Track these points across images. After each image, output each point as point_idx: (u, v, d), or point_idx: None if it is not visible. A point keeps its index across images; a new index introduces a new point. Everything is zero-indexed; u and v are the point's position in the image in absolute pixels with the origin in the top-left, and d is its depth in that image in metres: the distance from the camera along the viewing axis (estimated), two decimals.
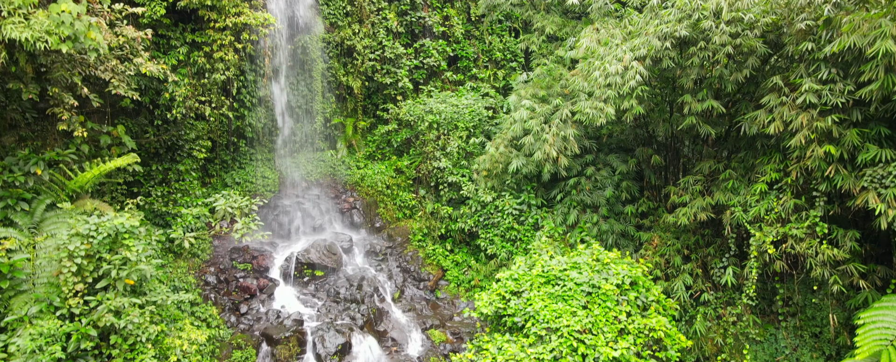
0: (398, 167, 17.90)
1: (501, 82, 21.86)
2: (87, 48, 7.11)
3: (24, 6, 6.58)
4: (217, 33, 10.66)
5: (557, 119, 12.94)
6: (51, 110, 8.00)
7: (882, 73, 7.27)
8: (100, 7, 7.91)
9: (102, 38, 7.32)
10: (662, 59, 10.40)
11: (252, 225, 9.06)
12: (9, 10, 6.56)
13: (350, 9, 18.36)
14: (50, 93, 7.70)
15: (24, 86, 7.53)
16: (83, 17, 6.86)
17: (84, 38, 6.92)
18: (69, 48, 6.86)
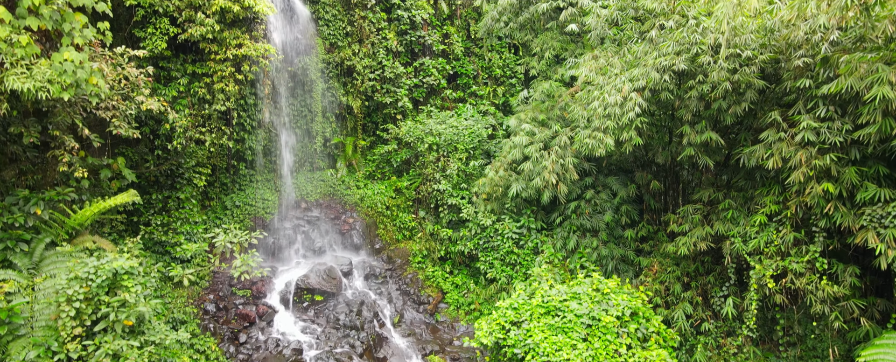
0: (398, 187, 17.91)
1: (501, 99, 21.91)
2: (88, 94, 7.13)
3: (27, 56, 6.61)
4: (218, 65, 10.69)
5: (556, 146, 12.97)
6: (51, 153, 8.02)
7: (880, 116, 7.29)
8: (101, 50, 7.93)
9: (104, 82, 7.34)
10: (661, 92, 10.42)
11: (251, 261, 9.04)
12: (11, 61, 6.60)
13: (350, 29, 18.42)
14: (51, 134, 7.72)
15: (25, 129, 7.56)
16: (85, 65, 6.90)
17: (86, 85, 6.95)
18: (71, 95, 6.89)
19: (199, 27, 9.92)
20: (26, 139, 7.59)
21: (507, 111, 21.62)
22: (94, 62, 7.36)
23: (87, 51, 7.17)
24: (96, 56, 7.84)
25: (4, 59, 6.47)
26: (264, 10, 10.32)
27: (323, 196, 18.15)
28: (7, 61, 6.53)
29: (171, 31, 10.24)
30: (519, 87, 21.60)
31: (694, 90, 10.15)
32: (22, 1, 6.41)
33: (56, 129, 7.77)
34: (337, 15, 18.41)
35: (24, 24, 6.50)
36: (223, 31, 10.40)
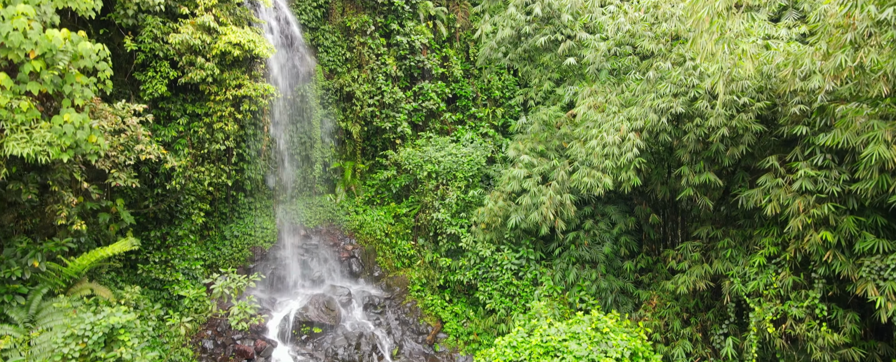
0: (397, 214, 17.89)
1: (500, 120, 21.95)
2: (88, 152, 7.14)
3: (27, 121, 6.62)
4: (217, 105, 10.72)
5: (555, 180, 12.97)
6: (50, 207, 8.02)
7: (876, 173, 7.30)
8: (102, 106, 7.94)
9: (104, 139, 7.36)
10: (659, 134, 10.44)
11: (248, 309, 9.01)
12: (11, 127, 6.61)
13: (349, 55, 18.49)
14: (50, 188, 7.72)
15: (23, 185, 7.55)
16: (85, 125, 6.91)
17: (86, 144, 6.96)
18: (70, 156, 6.89)
19: (199, 71, 9.95)
20: (25, 195, 7.59)
21: (506, 132, 21.65)
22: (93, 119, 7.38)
23: (87, 109, 7.19)
24: (96, 110, 7.86)
25: (5, 125, 6.49)
26: (264, 52, 10.36)
27: (322, 222, 18.13)
28: (7, 128, 6.55)
29: (172, 75, 10.27)
30: (518, 107, 21.67)
31: (692, 133, 10.17)
32: (23, 66, 6.44)
33: (55, 184, 7.77)
34: (336, 41, 18.48)
35: (25, 88, 6.53)
36: (223, 73, 10.43)
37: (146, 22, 9.74)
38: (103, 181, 8.58)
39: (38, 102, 7.21)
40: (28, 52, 6.36)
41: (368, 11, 18.56)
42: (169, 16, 10.36)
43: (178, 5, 10.21)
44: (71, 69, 6.76)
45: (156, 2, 9.42)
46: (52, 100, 7.39)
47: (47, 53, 6.46)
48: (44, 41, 6.39)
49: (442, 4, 21.63)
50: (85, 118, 6.89)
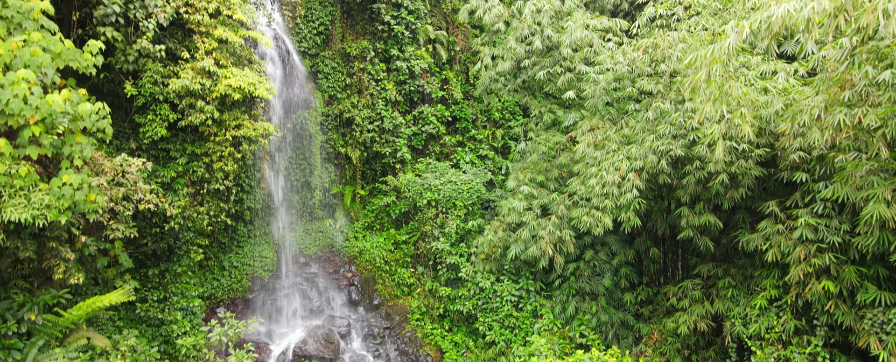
0: (397, 241, 17.84)
1: (500, 142, 21.95)
2: (86, 211, 7.13)
3: (26, 186, 6.60)
4: (217, 145, 10.71)
5: (554, 215, 12.95)
6: (47, 263, 7.99)
7: (877, 230, 7.29)
8: (101, 159, 7.92)
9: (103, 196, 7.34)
10: (659, 175, 10.45)
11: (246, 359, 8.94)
12: (10, 193, 6.59)
13: (349, 81, 18.51)
14: (47, 244, 7.70)
15: (21, 243, 7.52)
16: (84, 185, 6.89)
17: (84, 204, 6.94)
18: (68, 217, 6.87)
19: (199, 114, 9.96)
20: (22, 253, 7.56)
21: (506, 154, 21.65)
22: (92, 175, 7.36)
23: (85, 170, 7.18)
24: (95, 164, 7.84)
25: (3, 191, 6.47)
26: (264, 93, 10.38)
27: (321, 248, 18.06)
28: (6, 193, 6.53)
29: (171, 118, 10.27)
30: (517, 128, 21.69)
31: (691, 176, 10.17)
32: (23, 132, 6.43)
33: (53, 241, 7.75)
34: (336, 68, 18.52)
35: (25, 153, 6.51)
36: (223, 114, 10.43)
37: (147, 67, 9.76)
38: (101, 232, 8.56)
39: (37, 164, 7.20)
40: (28, 117, 6.36)
41: (368, 37, 18.63)
42: (169, 57, 10.38)
43: (178, 48, 10.23)
44: (71, 130, 6.76)
45: (157, 49, 9.43)
46: (51, 161, 7.38)
47: (47, 118, 6.46)
48: (44, 106, 6.39)
49: (441, 28, 21.71)
50: (84, 178, 6.87)
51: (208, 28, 9.79)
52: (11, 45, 6.31)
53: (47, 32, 6.86)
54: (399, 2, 18.31)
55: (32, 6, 6.58)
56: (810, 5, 5.94)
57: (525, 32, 13.78)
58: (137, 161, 8.68)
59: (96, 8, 8.62)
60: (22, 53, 6.29)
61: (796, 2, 6.01)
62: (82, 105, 6.78)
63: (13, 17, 6.54)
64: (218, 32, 9.74)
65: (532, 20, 13.69)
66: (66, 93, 6.72)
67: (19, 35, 6.54)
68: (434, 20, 21.34)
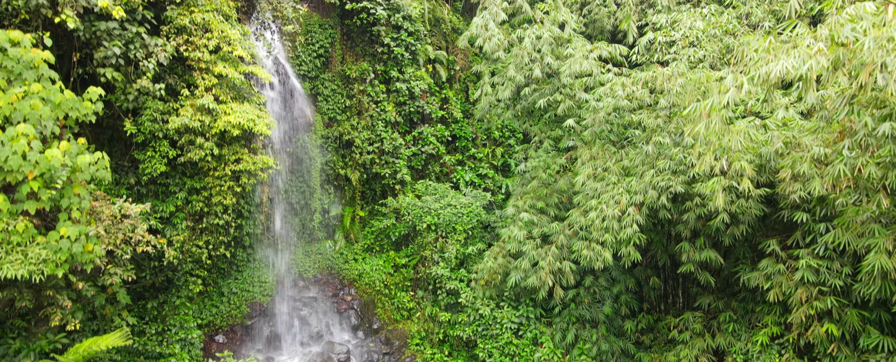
0: (397, 264, 17.79)
1: (500, 160, 21.93)
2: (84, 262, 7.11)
3: (23, 242, 6.59)
4: (216, 180, 10.70)
5: (553, 246, 12.92)
6: (44, 312, 7.96)
7: (879, 279, 7.26)
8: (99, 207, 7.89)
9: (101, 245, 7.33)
10: (659, 211, 10.43)
11: None
12: (7, 249, 6.58)
13: (349, 103, 18.54)
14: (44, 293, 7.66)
15: (18, 294, 7.50)
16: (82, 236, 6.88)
17: (81, 255, 6.92)
18: (65, 270, 6.85)
19: (199, 150, 9.95)
20: (19, 303, 7.54)
21: (506, 171, 21.64)
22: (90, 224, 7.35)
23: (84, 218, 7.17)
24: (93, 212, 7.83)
25: (0, 247, 6.46)
26: (264, 129, 10.38)
27: (321, 271, 18.01)
28: (3, 250, 6.52)
29: (171, 154, 10.27)
30: (517, 146, 21.66)
31: (691, 212, 10.15)
32: (21, 187, 6.43)
33: (50, 290, 7.72)
34: (336, 89, 18.54)
35: (23, 208, 6.51)
36: (222, 148, 10.43)
37: (146, 105, 9.76)
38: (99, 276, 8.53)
39: (35, 217, 7.19)
40: (27, 173, 6.36)
41: (368, 59, 18.66)
42: (169, 92, 10.39)
43: (178, 83, 10.24)
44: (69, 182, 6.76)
45: (157, 87, 9.44)
46: (49, 213, 7.37)
47: (46, 173, 6.46)
48: (43, 161, 6.39)
49: (441, 47, 21.77)
50: (81, 229, 6.85)
51: (208, 64, 9.81)
52: (11, 97, 6.32)
53: (48, 82, 6.87)
54: (399, 24, 18.37)
55: (33, 57, 6.59)
56: (809, 62, 5.94)
57: (525, 60, 13.81)
58: (137, 207, 8.66)
59: (97, 49, 8.66)
60: (22, 107, 6.30)
61: (794, 59, 6.01)
62: (81, 157, 6.77)
63: (13, 68, 6.55)
64: (218, 69, 9.76)
65: (532, 48, 13.72)
66: (65, 144, 6.71)
67: (19, 86, 6.55)
68: (434, 39, 21.40)
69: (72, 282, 7.95)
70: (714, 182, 8.03)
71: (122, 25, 8.74)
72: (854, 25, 6.02)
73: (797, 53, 6.05)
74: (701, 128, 6.86)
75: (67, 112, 6.91)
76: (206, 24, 9.79)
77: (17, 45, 6.53)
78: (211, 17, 9.83)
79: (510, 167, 21.75)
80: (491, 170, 20.94)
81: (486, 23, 13.72)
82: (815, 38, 6.21)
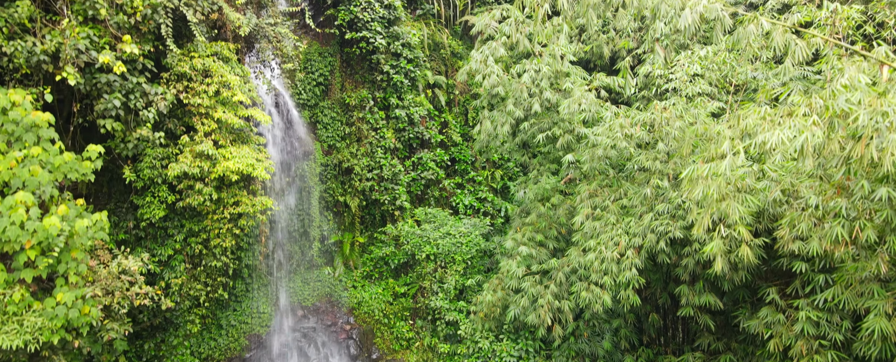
0: (396, 292, 17.75)
1: (499, 183, 21.95)
2: (80, 326, 7.11)
3: (20, 311, 6.60)
4: (215, 223, 10.72)
5: (552, 283, 12.89)
6: None
7: (879, 342, 7.24)
8: (97, 268, 7.90)
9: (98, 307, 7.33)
10: (658, 254, 10.41)
11: None
12: (2, 319, 6.59)
13: (348, 130, 18.58)
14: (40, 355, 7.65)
15: (13, 356, 7.49)
16: (78, 300, 6.88)
17: (78, 319, 6.92)
18: (61, 336, 6.85)
19: (198, 196, 9.97)
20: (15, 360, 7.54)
21: (506, 194, 21.63)
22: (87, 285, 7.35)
23: (80, 282, 7.18)
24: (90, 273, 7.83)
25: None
26: (263, 174, 10.40)
27: (320, 298, 17.96)
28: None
29: (170, 199, 10.29)
30: (516, 168, 21.67)
31: (690, 258, 10.14)
32: (18, 256, 6.44)
33: (45, 351, 7.71)
34: (335, 117, 18.59)
35: (20, 276, 6.52)
36: (221, 192, 10.45)
37: (145, 153, 9.80)
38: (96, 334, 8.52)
39: (32, 283, 7.20)
40: (24, 242, 6.38)
41: (367, 86, 18.73)
42: (168, 136, 10.42)
43: (178, 126, 10.27)
44: (67, 247, 6.78)
45: (156, 136, 9.48)
46: (46, 280, 7.38)
47: (43, 241, 6.48)
48: (41, 230, 6.41)
49: (441, 72, 21.85)
50: (78, 293, 6.86)
51: (208, 109, 9.86)
52: (11, 162, 6.34)
53: (47, 142, 6.90)
54: (398, 52, 18.45)
55: (33, 120, 6.63)
56: (804, 135, 5.97)
57: (524, 95, 13.85)
58: (135, 264, 8.66)
59: (97, 101, 8.69)
60: (21, 173, 6.33)
61: (790, 130, 6.04)
62: (79, 222, 6.80)
63: (14, 131, 6.58)
64: (217, 114, 9.80)
65: (531, 82, 13.77)
66: (64, 208, 6.74)
67: (19, 148, 6.58)
68: (433, 64, 21.49)
69: (68, 342, 7.93)
70: (713, 246, 8.03)
71: (122, 77, 8.78)
72: (848, 96, 6.05)
73: (793, 123, 6.07)
74: (698, 193, 6.88)
75: (66, 174, 6.93)
76: (206, 69, 9.84)
77: (17, 105, 6.57)
78: (210, 62, 9.89)
79: (509, 190, 21.75)
80: (490, 193, 20.95)
81: (486, 58, 13.77)
82: (810, 107, 6.23)
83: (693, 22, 7.44)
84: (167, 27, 9.02)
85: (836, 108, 6.08)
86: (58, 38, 7.79)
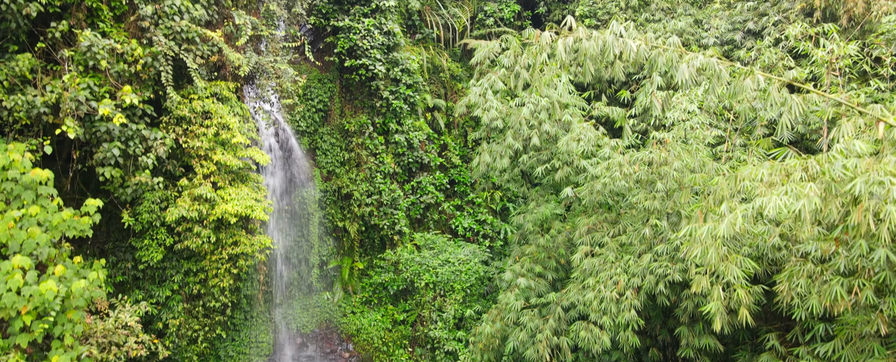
0: (395, 319, 17.69)
1: (499, 204, 21.93)
2: None
3: None
4: (213, 263, 10.72)
5: (551, 318, 12.85)
6: None
7: None
8: (93, 325, 7.86)
9: None
10: (657, 297, 10.39)
11: None
12: None
13: (348, 156, 18.61)
14: None
15: None
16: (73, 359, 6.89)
17: None
18: None
19: (196, 238, 9.99)
20: None
21: (505, 215, 21.60)
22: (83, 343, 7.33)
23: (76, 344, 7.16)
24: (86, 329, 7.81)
25: None
26: (261, 215, 10.42)
27: (319, 325, 17.90)
28: None
29: (168, 242, 10.29)
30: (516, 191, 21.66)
31: (689, 301, 10.11)
32: (14, 322, 6.44)
33: None
34: (335, 143, 18.63)
35: (14, 341, 6.52)
36: (220, 232, 10.46)
37: (144, 197, 9.81)
38: None
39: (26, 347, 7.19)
40: (20, 308, 6.38)
41: (367, 111, 18.77)
42: (167, 177, 10.43)
43: (177, 167, 10.29)
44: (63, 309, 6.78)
45: (155, 181, 9.49)
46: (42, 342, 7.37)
47: (40, 306, 6.48)
48: (37, 295, 6.41)
49: (440, 95, 21.91)
50: (74, 353, 6.84)
51: (207, 152, 9.89)
52: (9, 222, 6.35)
53: (46, 199, 6.91)
54: (397, 77, 18.51)
55: (33, 178, 6.65)
56: (802, 201, 5.97)
57: (523, 128, 13.89)
58: (133, 318, 8.65)
59: (97, 148, 8.72)
60: (18, 235, 6.34)
61: (787, 197, 6.05)
62: (76, 284, 6.80)
63: (12, 190, 6.60)
64: (217, 156, 9.83)
65: (530, 114, 13.81)
66: (61, 268, 6.74)
67: (17, 207, 6.59)
68: (433, 87, 21.56)
69: None
70: (711, 307, 8.03)
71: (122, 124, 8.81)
72: (845, 162, 6.07)
73: (790, 189, 6.08)
74: (697, 254, 6.88)
75: (65, 232, 6.94)
76: (205, 111, 9.87)
77: (15, 164, 6.60)
78: (210, 104, 9.92)
79: (509, 211, 21.73)
80: (489, 214, 20.94)
81: (484, 91, 13.82)
82: (807, 172, 6.24)
83: (690, 76, 7.47)
84: (167, 74, 9.05)
85: (833, 174, 6.09)
86: (58, 89, 7.82)
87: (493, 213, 21.59)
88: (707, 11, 20.04)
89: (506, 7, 22.59)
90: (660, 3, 20.81)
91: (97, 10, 8.31)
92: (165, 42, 8.92)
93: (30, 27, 8.00)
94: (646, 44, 7.82)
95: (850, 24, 15.08)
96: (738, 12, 18.91)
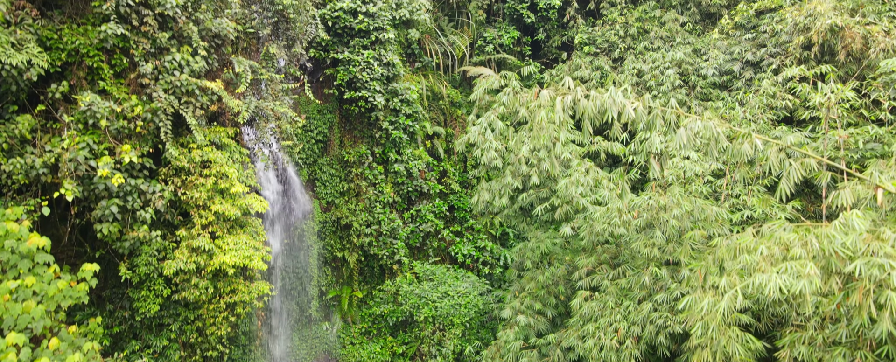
0: (394, 351, 17.58)
1: (499, 230, 21.87)
2: None
3: None
4: (210, 312, 10.67)
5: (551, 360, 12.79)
6: None
7: None
8: None
9: None
10: (657, 347, 10.34)
11: None
12: None
13: (347, 187, 18.59)
14: None
15: None
16: None
17: None
18: None
19: (194, 289, 9.96)
20: None
21: (505, 241, 21.55)
22: None
23: None
24: None
25: None
26: (259, 264, 10.39)
27: (317, 356, 17.79)
28: None
29: (165, 293, 10.27)
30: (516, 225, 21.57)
31: (690, 352, 10.05)
32: None
33: None
34: (334, 173, 18.62)
35: None
36: (218, 282, 10.43)
37: (141, 250, 9.80)
38: None
39: None
40: None
41: (366, 141, 18.79)
42: (165, 226, 10.42)
43: (175, 217, 10.28)
44: None
45: (153, 235, 9.49)
46: None
47: None
48: None
49: (440, 122, 21.93)
50: None
51: (206, 202, 9.88)
52: (4, 295, 6.32)
53: (43, 267, 6.89)
54: (397, 108, 18.54)
55: (30, 248, 6.63)
56: (802, 281, 5.95)
57: (522, 167, 13.88)
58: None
59: (95, 205, 8.71)
60: (14, 310, 6.31)
61: (788, 276, 6.02)
62: (71, 358, 6.75)
63: (8, 259, 6.58)
64: (215, 206, 9.83)
65: (530, 153, 13.81)
66: (55, 341, 6.71)
67: (13, 277, 6.56)
68: (432, 114, 21.58)
69: None
70: None
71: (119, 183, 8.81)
72: (844, 240, 6.05)
73: (790, 267, 6.06)
74: (698, 329, 6.84)
75: (61, 303, 6.92)
76: (204, 160, 9.87)
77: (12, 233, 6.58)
78: (209, 152, 9.92)
79: (509, 236, 21.68)
80: (489, 240, 20.87)
81: (483, 131, 13.83)
82: (806, 249, 6.23)
83: (688, 140, 7.48)
84: (166, 128, 9.07)
85: (833, 251, 6.07)
86: (58, 148, 7.82)
87: (492, 239, 21.54)
88: (705, 40, 20.11)
89: (505, 33, 22.70)
90: (658, 32, 20.90)
91: (98, 69, 8.35)
92: (165, 97, 8.94)
93: (30, 88, 8.03)
94: (643, 105, 7.83)
95: (848, 59, 15.13)
96: (736, 41, 18.97)
